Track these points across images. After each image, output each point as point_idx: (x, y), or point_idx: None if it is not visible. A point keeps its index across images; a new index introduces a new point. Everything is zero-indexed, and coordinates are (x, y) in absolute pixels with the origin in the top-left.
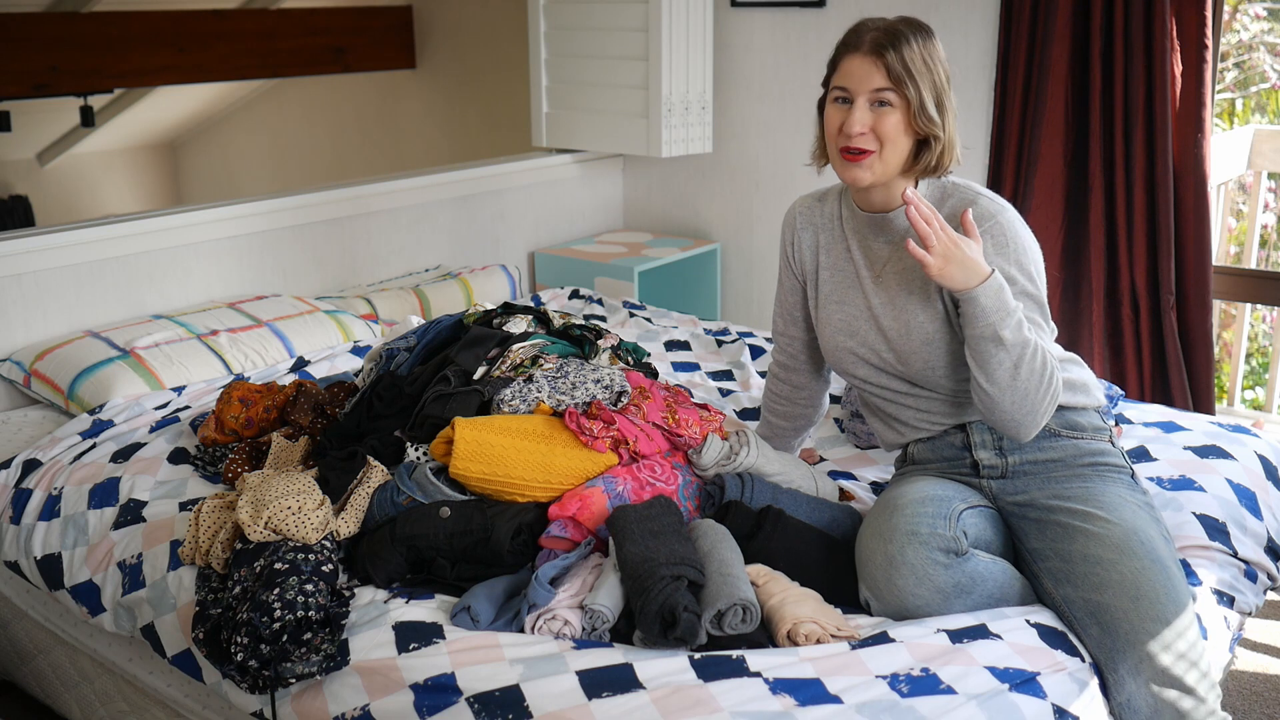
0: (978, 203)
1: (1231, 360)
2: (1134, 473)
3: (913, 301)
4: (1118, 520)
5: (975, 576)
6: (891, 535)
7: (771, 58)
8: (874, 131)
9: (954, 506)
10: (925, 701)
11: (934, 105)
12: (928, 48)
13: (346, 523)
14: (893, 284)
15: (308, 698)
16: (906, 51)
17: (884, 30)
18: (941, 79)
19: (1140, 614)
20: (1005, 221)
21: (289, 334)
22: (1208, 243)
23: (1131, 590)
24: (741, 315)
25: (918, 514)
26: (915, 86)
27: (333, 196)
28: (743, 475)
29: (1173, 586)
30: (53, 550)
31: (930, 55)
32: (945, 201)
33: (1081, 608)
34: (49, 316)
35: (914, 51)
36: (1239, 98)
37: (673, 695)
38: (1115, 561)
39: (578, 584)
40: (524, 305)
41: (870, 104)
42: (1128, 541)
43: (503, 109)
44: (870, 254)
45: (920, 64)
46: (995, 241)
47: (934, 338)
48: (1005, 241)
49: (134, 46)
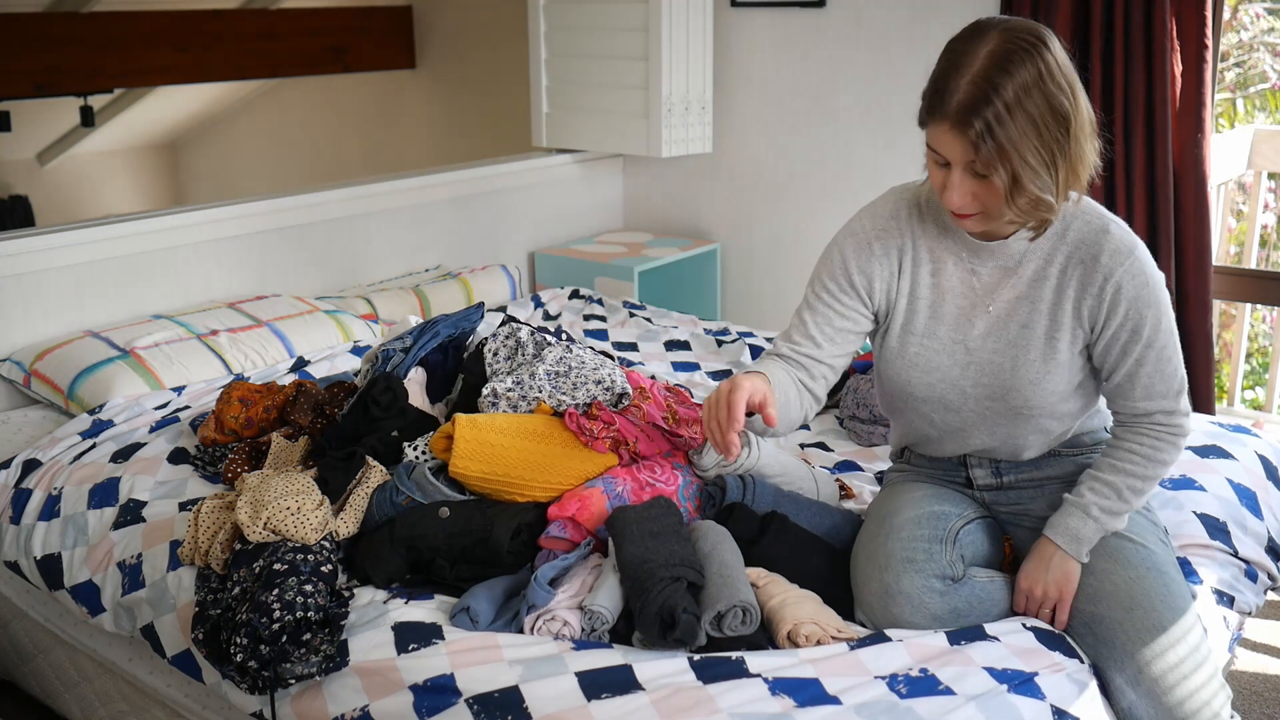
0: (1109, 231)
1: (1231, 360)
2: None
3: (1029, 336)
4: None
5: (972, 600)
6: (888, 563)
7: (771, 58)
8: (976, 198)
9: (950, 525)
10: (924, 702)
11: (1042, 166)
12: (1031, 91)
13: (346, 523)
14: (1003, 315)
15: (307, 698)
16: (997, 118)
17: (973, 88)
18: (1048, 124)
19: (1134, 624)
20: (1142, 256)
21: (289, 334)
22: (1208, 243)
23: (1125, 600)
24: (741, 315)
25: (914, 537)
26: (1008, 165)
27: (333, 196)
28: (744, 477)
29: (1169, 594)
30: (52, 550)
31: (1033, 100)
32: (1069, 228)
33: (1076, 618)
34: (49, 316)
35: (1010, 111)
36: (1239, 98)
37: (672, 696)
38: (1109, 571)
39: (577, 585)
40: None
41: (967, 173)
42: (1122, 551)
43: (503, 109)
44: (977, 280)
45: (1018, 129)
46: (1134, 282)
47: (1041, 378)
48: (1145, 281)
49: (134, 46)
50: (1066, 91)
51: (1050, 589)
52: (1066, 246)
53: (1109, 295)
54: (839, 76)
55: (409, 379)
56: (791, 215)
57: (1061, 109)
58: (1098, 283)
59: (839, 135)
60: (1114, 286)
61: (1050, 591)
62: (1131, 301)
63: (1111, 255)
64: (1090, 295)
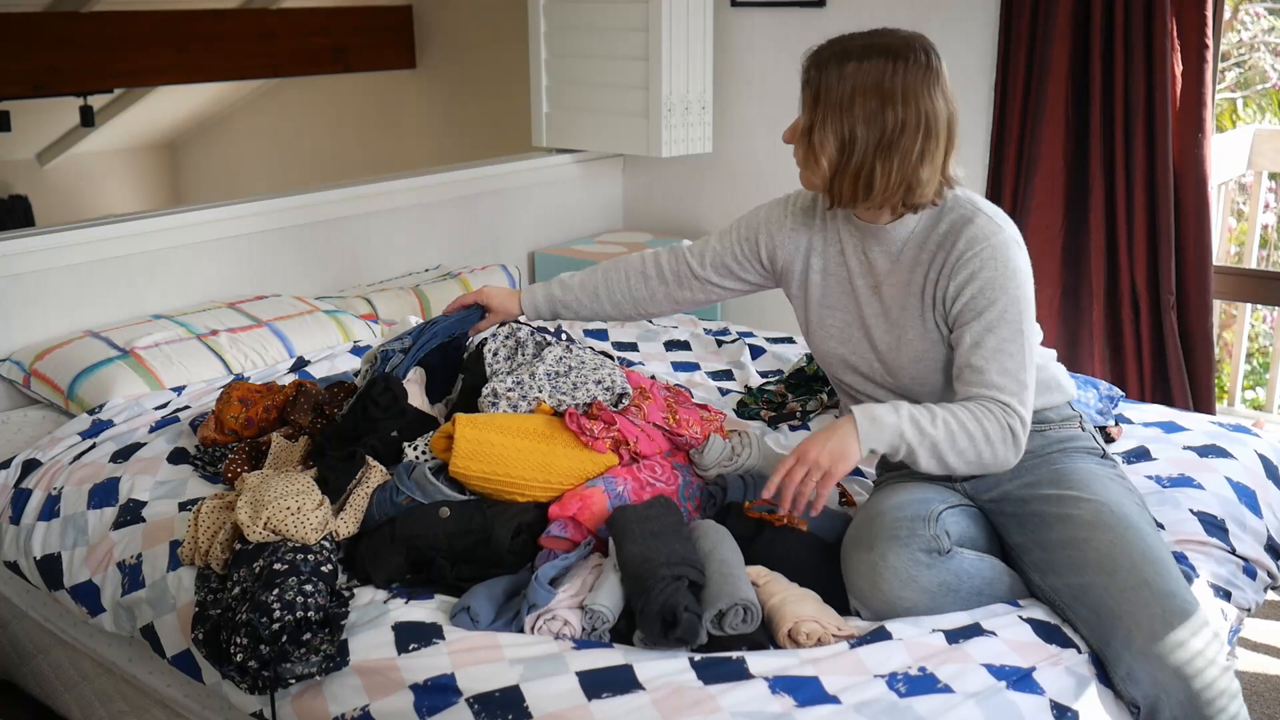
0: (974, 221)
1: (1232, 360)
2: (1105, 452)
3: (906, 317)
4: (1089, 495)
5: (960, 574)
6: (873, 542)
7: (771, 58)
8: (793, 134)
9: (932, 508)
10: (923, 701)
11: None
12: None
13: (346, 523)
14: (888, 297)
15: (307, 698)
16: (828, 79)
17: (834, 48)
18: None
19: (1119, 584)
20: (999, 243)
21: (289, 334)
22: (1208, 243)
23: (1108, 564)
24: (741, 315)
25: (896, 519)
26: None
27: (333, 196)
28: (745, 477)
29: (1149, 549)
30: (52, 550)
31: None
32: (939, 222)
33: (1066, 593)
34: (49, 316)
35: (840, 82)
36: (1240, 97)
37: (673, 696)
38: (1089, 539)
39: (578, 584)
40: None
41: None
42: (1100, 515)
43: (503, 109)
44: (868, 263)
45: (835, 99)
46: (985, 263)
47: (923, 355)
48: (995, 267)
49: (134, 46)
50: (897, 108)
51: (824, 457)
52: (937, 235)
53: (959, 275)
54: None
55: (408, 379)
56: None
57: (882, 116)
58: (951, 263)
59: None
60: (964, 267)
61: (823, 460)
62: (979, 284)
63: (969, 241)
64: (944, 275)
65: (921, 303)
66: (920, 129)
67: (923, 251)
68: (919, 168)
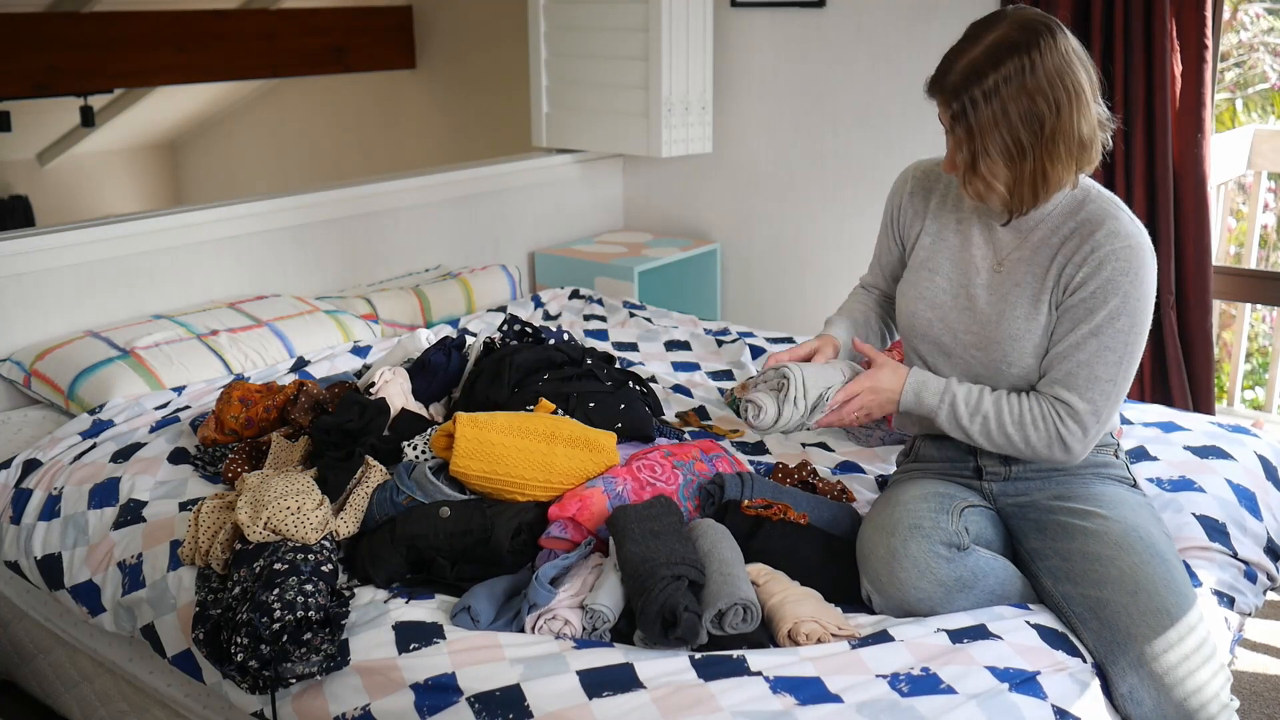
0: (1118, 218)
1: (1231, 360)
2: (1135, 482)
3: (1020, 294)
4: (1117, 518)
5: (977, 571)
6: (894, 529)
7: (771, 58)
8: (954, 166)
9: (956, 503)
10: (925, 701)
11: (1001, 155)
12: (1010, 84)
13: (346, 523)
14: (1006, 271)
15: (308, 698)
16: (973, 103)
17: (965, 70)
18: (1020, 120)
19: (1139, 607)
20: (1137, 246)
21: (289, 334)
22: (1207, 243)
23: (1130, 585)
24: (741, 315)
25: (920, 509)
26: (970, 147)
27: (333, 196)
28: (743, 476)
29: (1173, 579)
30: (53, 550)
31: (1010, 94)
32: (1079, 210)
33: (1081, 604)
34: (49, 316)
35: (987, 99)
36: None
37: (673, 695)
38: (1114, 557)
39: (578, 584)
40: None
41: (951, 142)
42: (1126, 538)
43: (503, 109)
44: (992, 236)
45: (989, 118)
46: (1118, 261)
47: (1021, 335)
48: (1126, 270)
49: (134, 46)
50: (1046, 93)
51: (870, 402)
52: (1074, 221)
53: (1087, 265)
54: (839, 76)
55: (384, 381)
56: (791, 215)
57: (1036, 110)
58: (1084, 252)
59: (839, 135)
60: (1096, 260)
61: (867, 402)
62: (1103, 279)
63: (1109, 234)
64: (1073, 262)
65: (1042, 284)
66: (1070, 100)
67: (1055, 235)
68: (1079, 131)
